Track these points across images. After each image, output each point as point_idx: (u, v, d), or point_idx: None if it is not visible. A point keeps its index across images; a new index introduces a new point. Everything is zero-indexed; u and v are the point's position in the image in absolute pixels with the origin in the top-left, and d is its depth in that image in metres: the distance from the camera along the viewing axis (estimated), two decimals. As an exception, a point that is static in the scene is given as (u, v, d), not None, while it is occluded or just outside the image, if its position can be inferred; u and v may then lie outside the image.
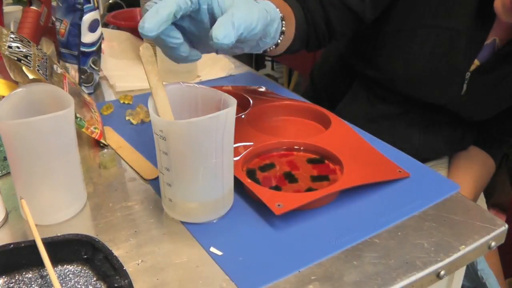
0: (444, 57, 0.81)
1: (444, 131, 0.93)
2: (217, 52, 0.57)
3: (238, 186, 0.57)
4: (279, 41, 0.64)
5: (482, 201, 1.01)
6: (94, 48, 0.86)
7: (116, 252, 0.47)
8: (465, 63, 0.82)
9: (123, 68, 0.97)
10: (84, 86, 0.87)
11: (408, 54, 0.83)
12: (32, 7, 0.89)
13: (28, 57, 0.66)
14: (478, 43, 0.80)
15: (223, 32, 0.47)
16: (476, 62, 0.82)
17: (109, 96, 0.89)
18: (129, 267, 0.47)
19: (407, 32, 0.82)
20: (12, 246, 0.46)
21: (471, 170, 0.95)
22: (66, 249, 0.47)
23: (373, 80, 0.90)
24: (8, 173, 0.62)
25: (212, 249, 0.50)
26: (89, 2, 0.81)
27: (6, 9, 1.04)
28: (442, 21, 0.79)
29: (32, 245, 0.46)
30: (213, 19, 0.50)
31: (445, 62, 0.82)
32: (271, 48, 0.65)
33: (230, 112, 0.49)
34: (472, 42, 0.80)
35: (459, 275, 0.59)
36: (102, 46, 0.91)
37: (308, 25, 0.78)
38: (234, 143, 0.53)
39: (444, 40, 0.80)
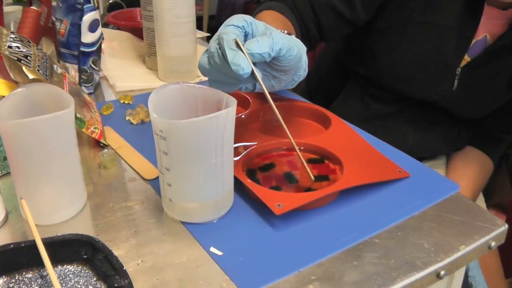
0: (433, 53, 0.82)
1: (439, 129, 0.93)
2: (253, 89, 0.59)
3: (238, 186, 0.57)
4: None
5: (481, 201, 1.01)
6: (94, 48, 0.86)
7: (116, 252, 0.47)
8: (455, 59, 0.82)
9: (123, 68, 0.97)
10: (84, 86, 0.87)
11: (398, 50, 0.83)
12: (32, 7, 0.89)
13: (28, 57, 0.67)
14: (467, 38, 0.81)
15: (257, 43, 0.50)
16: (467, 58, 0.82)
17: (109, 96, 0.89)
18: (129, 267, 0.47)
19: (397, 29, 0.83)
20: (12, 246, 0.46)
21: (468, 171, 0.95)
22: (66, 249, 0.47)
23: (366, 79, 0.90)
24: (8, 173, 0.62)
25: (212, 249, 0.50)
26: (89, 2, 0.81)
27: (6, 9, 1.04)
28: (430, 17, 0.80)
29: (32, 245, 0.46)
30: None
31: (435, 58, 0.82)
32: None
33: (230, 112, 0.49)
34: (461, 38, 0.80)
35: (459, 275, 0.59)
36: (102, 46, 0.91)
37: (301, 30, 0.78)
38: (234, 143, 0.53)
39: (433, 36, 0.81)
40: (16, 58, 0.64)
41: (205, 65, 0.54)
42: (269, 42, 0.50)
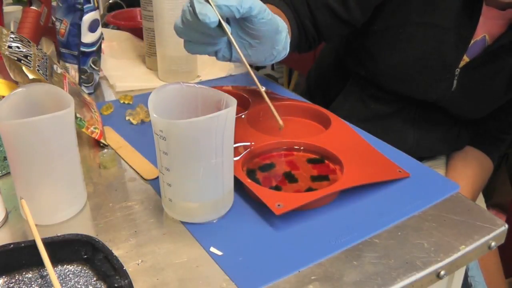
0: (432, 53, 0.81)
1: (439, 129, 0.93)
2: (230, 59, 0.60)
3: (238, 186, 0.57)
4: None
5: (481, 201, 1.01)
6: (94, 48, 0.86)
7: (116, 252, 0.47)
8: (454, 59, 0.82)
9: (123, 68, 0.97)
10: (84, 86, 0.87)
11: (397, 51, 0.83)
12: (32, 7, 0.89)
13: (28, 57, 0.67)
14: (466, 39, 0.80)
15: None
16: (466, 59, 0.82)
17: (109, 96, 0.89)
18: (129, 267, 0.47)
19: (395, 30, 0.83)
20: (12, 246, 0.46)
21: (468, 171, 0.95)
22: (66, 249, 0.47)
23: (365, 79, 0.90)
24: (8, 173, 0.62)
25: (212, 249, 0.50)
26: (89, 2, 0.81)
27: (6, 9, 1.04)
28: (429, 17, 0.80)
29: (32, 245, 0.46)
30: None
31: (433, 59, 0.82)
32: None
33: (230, 112, 0.49)
34: (460, 38, 0.80)
35: (459, 275, 0.59)
36: (102, 46, 0.91)
37: (298, 28, 0.78)
38: (234, 143, 0.53)
39: (432, 37, 0.80)
40: (16, 58, 0.64)
41: (179, 25, 0.55)
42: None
